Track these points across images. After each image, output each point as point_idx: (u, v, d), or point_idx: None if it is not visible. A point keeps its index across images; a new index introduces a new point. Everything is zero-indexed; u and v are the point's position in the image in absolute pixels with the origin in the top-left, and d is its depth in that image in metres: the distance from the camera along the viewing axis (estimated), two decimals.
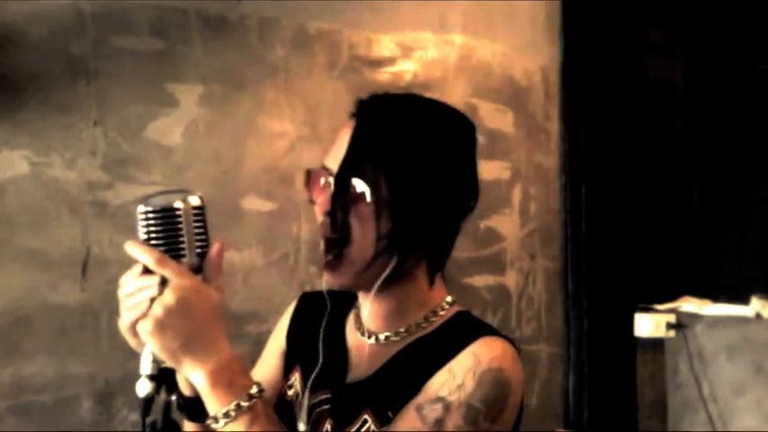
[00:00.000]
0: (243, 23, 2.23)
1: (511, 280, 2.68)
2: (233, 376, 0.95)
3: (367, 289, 1.12)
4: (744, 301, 2.69)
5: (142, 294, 0.94)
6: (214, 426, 0.95)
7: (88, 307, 1.97)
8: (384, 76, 2.44)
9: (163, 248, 0.95)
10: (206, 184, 2.15)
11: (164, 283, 0.94)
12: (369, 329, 1.16)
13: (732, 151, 3.06)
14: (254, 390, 0.96)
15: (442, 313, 1.15)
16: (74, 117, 2.00)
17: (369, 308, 1.15)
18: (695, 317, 2.77)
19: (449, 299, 1.17)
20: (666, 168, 3.03)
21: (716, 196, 3.08)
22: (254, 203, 2.22)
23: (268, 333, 2.19)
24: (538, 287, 2.74)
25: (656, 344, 2.85)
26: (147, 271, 0.94)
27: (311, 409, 1.15)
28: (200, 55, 2.16)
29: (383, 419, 1.06)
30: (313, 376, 1.16)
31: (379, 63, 2.44)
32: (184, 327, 0.93)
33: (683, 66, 3.11)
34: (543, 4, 2.79)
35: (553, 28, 2.80)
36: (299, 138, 2.29)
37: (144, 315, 0.93)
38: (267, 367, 1.27)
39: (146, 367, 0.96)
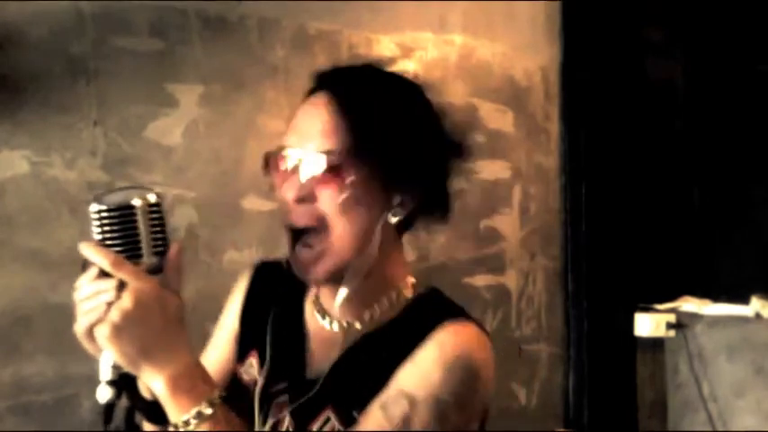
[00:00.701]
0: (243, 23, 2.23)
1: (511, 280, 2.68)
2: (193, 382, 0.92)
3: (347, 277, 1.04)
4: (744, 301, 2.69)
5: (99, 299, 0.90)
6: None
7: None
8: None
9: (119, 249, 0.91)
10: (206, 184, 2.15)
11: (121, 286, 0.90)
12: (330, 314, 1.10)
13: (732, 151, 3.06)
14: (215, 395, 0.93)
15: (406, 293, 1.09)
16: (74, 117, 2.00)
17: (329, 293, 1.08)
18: (695, 317, 2.77)
19: (410, 280, 1.10)
20: (666, 168, 3.03)
21: (716, 196, 3.08)
22: (254, 203, 2.22)
23: None
24: (538, 287, 2.74)
25: (656, 344, 2.85)
26: (103, 273, 0.91)
27: (269, 398, 1.09)
28: (200, 55, 2.16)
29: (347, 418, 1.01)
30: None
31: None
32: (142, 332, 0.90)
33: (683, 66, 3.11)
34: (543, 4, 2.78)
35: (553, 28, 2.80)
36: None
37: (101, 320, 0.90)
38: (220, 355, 1.19)
39: (105, 373, 0.94)
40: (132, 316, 0.89)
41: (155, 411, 0.97)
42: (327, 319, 1.10)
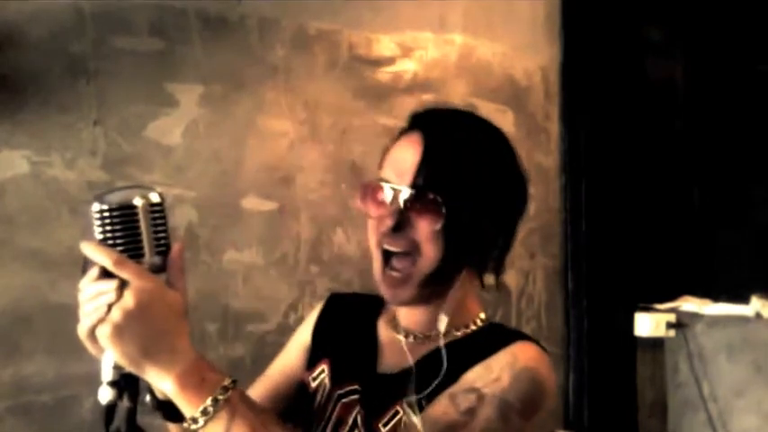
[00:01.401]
0: (243, 23, 2.23)
1: (511, 279, 2.68)
2: (201, 375, 0.93)
3: (424, 302, 1.14)
4: (744, 300, 2.69)
5: (100, 300, 0.90)
6: (194, 427, 0.92)
7: None
8: (384, 76, 2.44)
9: (121, 248, 0.90)
10: (206, 184, 2.15)
11: (123, 285, 0.90)
12: (406, 328, 1.18)
13: (732, 151, 3.06)
14: (227, 381, 0.94)
15: (478, 321, 1.19)
16: (74, 117, 2.00)
17: (407, 312, 1.18)
18: (695, 316, 2.76)
19: (482, 315, 1.21)
20: (666, 168, 3.03)
21: (716, 196, 3.08)
22: (254, 203, 2.22)
23: (269, 333, 2.19)
24: (538, 286, 2.74)
25: (656, 343, 2.85)
26: (105, 273, 0.91)
27: (338, 398, 1.16)
28: (200, 55, 2.16)
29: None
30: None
31: (379, 63, 2.44)
32: (144, 332, 0.90)
33: (683, 66, 3.11)
34: (543, 4, 2.78)
35: (553, 28, 2.80)
36: (298, 138, 2.29)
37: (102, 320, 0.90)
38: (287, 360, 1.29)
39: (107, 374, 0.93)
40: (134, 315, 0.89)
41: (171, 410, 0.98)
42: (404, 332, 1.18)
